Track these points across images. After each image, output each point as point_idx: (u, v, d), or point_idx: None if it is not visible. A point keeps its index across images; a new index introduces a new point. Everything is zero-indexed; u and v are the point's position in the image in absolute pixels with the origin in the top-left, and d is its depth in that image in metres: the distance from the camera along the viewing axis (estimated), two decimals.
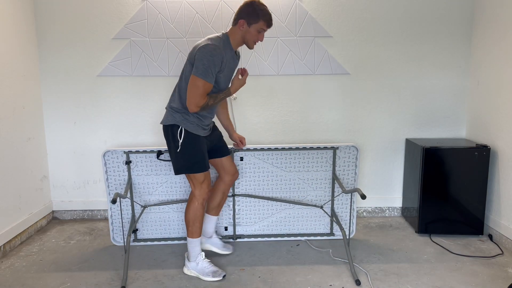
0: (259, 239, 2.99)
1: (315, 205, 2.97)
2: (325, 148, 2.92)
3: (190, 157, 2.38)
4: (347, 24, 3.30)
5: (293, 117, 3.40)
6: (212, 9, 3.23)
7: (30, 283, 2.43)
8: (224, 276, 2.45)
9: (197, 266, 2.48)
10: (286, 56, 3.30)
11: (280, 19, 3.26)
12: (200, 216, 2.47)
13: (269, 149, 2.90)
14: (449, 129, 3.43)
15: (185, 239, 2.95)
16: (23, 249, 2.90)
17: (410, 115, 3.42)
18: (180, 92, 2.38)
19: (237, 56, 2.47)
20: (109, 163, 2.83)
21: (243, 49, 3.28)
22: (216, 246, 2.76)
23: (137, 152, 2.84)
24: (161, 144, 3.40)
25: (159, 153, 2.82)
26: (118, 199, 2.39)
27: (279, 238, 3.00)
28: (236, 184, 2.95)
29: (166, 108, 2.46)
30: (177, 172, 2.44)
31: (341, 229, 2.63)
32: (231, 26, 2.39)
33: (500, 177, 2.95)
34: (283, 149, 2.91)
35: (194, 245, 2.48)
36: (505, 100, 2.89)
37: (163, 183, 2.90)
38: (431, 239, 3.01)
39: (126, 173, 2.86)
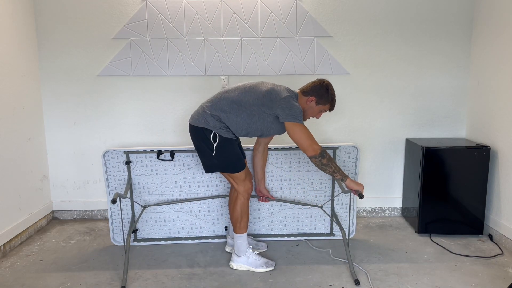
0: (259, 239, 2.99)
1: (315, 205, 2.97)
2: (325, 148, 2.92)
3: (226, 159, 2.43)
4: (347, 24, 3.30)
5: None
6: (212, 9, 3.23)
7: (30, 283, 2.43)
8: (275, 266, 2.58)
9: (248, 259, 2.55)
10: (286, 56, 3.31)
11: (280, 19, 3.26)
12: (247, 211, 2.53)
13: (269, 148, 2.90)
14: (449, 129, 3.43)
15: (185, 239, 2.96)
16: (23, 249, 2.90)
17: (410, 115, 3.42)
18: (231, 110, 2.36)
19: None
20: (109, 163, 2.83)
21: (243, 49, 3.29)
22: (250, 244, 2.74)
23: (137, 152, 2.84)
24: (161, 144, 3.40)
25: (159, 153, 2.82)
26: (118, 199, 2.39)
27: (279, 238, 3.00)
28: None
29: (201, 110, 2.43)
30: (209, 170, 2.49)
31: (341, 229, 2.63)
32: (300, 91, 2.46)
33: (500, 177, 2.95)
34: (283, 148, 2.91)
35: (242, 240, 2.54)
36: (505, 100, 2.89)
37: (163, 183, 2.90)
38: (431, 239, 3.01)
39: (126, 173, 2.86)
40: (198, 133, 2.42)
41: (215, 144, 2.39)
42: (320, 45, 3.30)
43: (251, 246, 2.60)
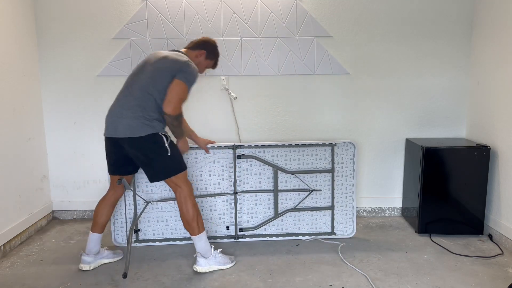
0: (261, 238, 2.99)
1: (309, 189, 2.98)
2: (324, 144, 2.93)
3: (178, 156, 2.49)
4: (347, 24, 3.30)
5: (293, 117, 3.40)
6: (212, 9, 3.23)
7: (30, 283, 2.43)
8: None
9: (216, 259, 2.54)
10: (286, 56, 3.30)
11: (280, 19, 3.26)
12: (198, 209, 2.53)
13: (269, 146, 2.91)
14: (449, 129, 3.43)
15: (187, 239, 2.95)
16: (23, 249, 2.90)
17: (410, 115, 3.42)
18: (156, 100, 2.37)
19: None
20: None
21: (243, 49, 3.29)
22: (108, 257, 2.65)
23: None
24: None
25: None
26: (123, 194, 2.41)
27: (280, 238, 3.00)
28: (237, 181, 2.95)
29: (137, 118, 2.33)
30: (167, 176, 2.44)
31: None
32: (186, 48, 2.60)
33: (500, 177, 2.95)
34: (283, 145, 2.92)
35: (204, 239, 2.53)
36: (505, 100, 2.89)
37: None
38: (431, 239, 3.01)
39: None
40: (147, 142, 2.34)
41: (167, 144, 2.40)
42: (320, 45, 3.30)
43: (212, 246, 2.58)
